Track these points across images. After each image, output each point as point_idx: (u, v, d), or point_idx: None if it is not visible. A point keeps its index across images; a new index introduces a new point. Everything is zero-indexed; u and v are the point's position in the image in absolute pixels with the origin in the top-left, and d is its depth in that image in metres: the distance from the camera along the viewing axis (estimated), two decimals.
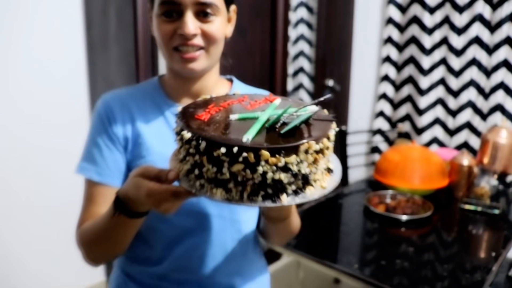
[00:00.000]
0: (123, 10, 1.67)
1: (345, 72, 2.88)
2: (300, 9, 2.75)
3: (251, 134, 0.54)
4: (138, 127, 0.80)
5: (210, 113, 0.62)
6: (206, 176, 0.55)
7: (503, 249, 1.43)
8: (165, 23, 0.74)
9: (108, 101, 0.82)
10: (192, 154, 0.56)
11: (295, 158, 0.53)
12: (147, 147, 0.79)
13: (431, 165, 1.82)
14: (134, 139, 0.80)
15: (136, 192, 0.62)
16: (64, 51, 1.86)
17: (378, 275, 1.25)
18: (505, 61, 2.30)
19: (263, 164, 0.52)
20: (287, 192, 0.55)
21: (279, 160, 0.52)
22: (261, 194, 0.54)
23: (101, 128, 0.80)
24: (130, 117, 0.81)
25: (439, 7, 2.45)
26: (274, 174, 0.53)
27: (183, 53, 0.75)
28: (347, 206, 1.83)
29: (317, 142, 0.55)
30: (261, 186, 0.54)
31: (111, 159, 0.80)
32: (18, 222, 1.84)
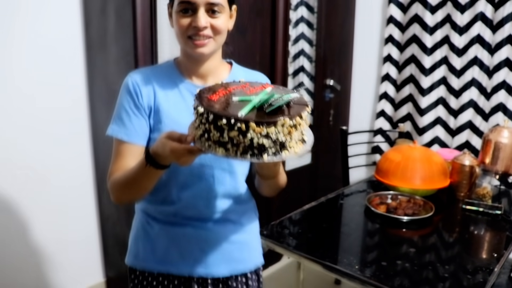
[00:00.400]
0: (122, 9, 1.66)
1: (345, 71, 2.87)
2: (301, 8, 2.74)
3: (244, 111, 0.76)
4: (159, 99, 1.01)
5: (219, 95, 0.84)
6: (212, 139, 0.77)
7: (505, 250, 1.42)
8: (182, 17, 0.96)
9: (135, 77, 1.02)
10: (203, 123, 0.78)
11: (274, 129, 0.75)
12: (166, 114, 1.00)
13: (432, 165, 1.81)
14: (156, 108, 1.01)
15: (162, 149, 0.84)
16: (63, 51, 1.85)
17: (379, 276, 1.24)
18: (507, 60, 2.28)
19: (251, 132, 0.74)
20: (268, 153, 0.76)
21: (262, 130, 0.74)
22: (249, 153, 0.76)
23: (130, 99, 1.01)
24: (153, 90, 1.01)
25: (441, 6, 2.44)
26: (258, 139, 0.75)
27: (195, 41, 0.96)
28: (347, 207, 1.82)
29: (290, 119, 0.76)
30: (249, 147, 0.75)
31: (138, 123, 1.00)
32: (19, 223, 1.84)
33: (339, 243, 1.51)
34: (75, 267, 2.07)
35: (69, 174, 1.97)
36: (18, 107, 1.76)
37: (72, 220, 2.02)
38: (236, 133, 0.74)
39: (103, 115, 1.91)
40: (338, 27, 2.71)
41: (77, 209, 2.03)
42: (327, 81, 2.70)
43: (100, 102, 1.92)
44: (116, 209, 1.97)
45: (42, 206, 1.90)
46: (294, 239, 1.48)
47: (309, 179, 2.72)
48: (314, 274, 1.75)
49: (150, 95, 1.01)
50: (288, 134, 0.77)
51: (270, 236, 1.48)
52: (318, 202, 1.79)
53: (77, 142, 1.97)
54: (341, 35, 2.76)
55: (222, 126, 0.75)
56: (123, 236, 1.97)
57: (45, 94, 1.83)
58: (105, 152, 1.97)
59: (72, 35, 1.87)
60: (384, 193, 1.81)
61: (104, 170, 2.00)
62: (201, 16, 0.94)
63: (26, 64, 1.75)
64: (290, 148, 0.78)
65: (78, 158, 1.99)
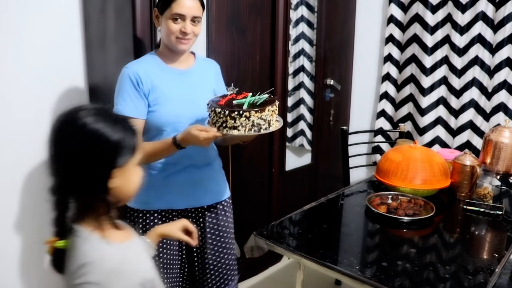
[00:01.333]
0: (122, 9, 1.66)
1: (346, 71, 2.87)
2: (301, 8, 2.74)
3: (245, 106, 1.26)
4: (153, 81, 1.37)
5: (226, 100, 1.32)
6: (228, 126, 1.24)
7: (506, 250, 1.41)
8: (174, 24, 1.35)
9: (133, 68, 1.37)
10: (221, 117, 1.24)
11: (264, 113, 1.25)
12: (161, 91, 1.38)
13: (433, 166, 1.81)
14: (153, 88, 1.37)
15: (194, 138, 1.25)
16: (62, 50, 1.84)
17: (379, 276, 1.24)
18: (508, 60, 2.28)
19: (253, 116, 1.24)
20: (262, 128, 1.26)
21: (258, 114, 1.24)
22: (253, 130, 1.25)
23: (131, 84, 1.35)
24: (149, 75, 1.37)
25: (441, 5, 2.43)
26: (257, 120, 1.24)
27: (182, 40, 1.37)
28: (348, 207, 1.82)
29: (271, 106, 1.28)
30: (252, 126, 1.25)
31: (139, 103, 1.35)
32: (18, 223, 1.83)
33: (339, 244, 1.51)
34: None
35: None
36: (17, 107, 1.76)
37: None
38: (244, 119, 1.23)
39: None
40: (338, 27, 2.71)
41: None
42: (328, 80, 2.69)
43: (100, 102, 1.91)
44: None
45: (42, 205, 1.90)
46: (294, 239, 1.47)
47: (309, 179, 2.71)
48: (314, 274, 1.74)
49: (147, 79, 1.36)
50: (271, 116, 1.27)
51: (270, 236, 1.48)
52: (318, 203, 1.78)
53: None
54: (342, 34, 2.75)
55: (235, 116, 1.22)
56: None
57: (45, 94, 1.82)
58: None
59: (72, 34, 1.86)
60: (384, 193, 1.80)
61: None
62: (188, 25, 1.35)
63: (25, 64, 1.75)
64: (273, 125, 1.29)
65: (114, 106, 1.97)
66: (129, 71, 1.35)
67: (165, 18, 1.35)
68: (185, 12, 1.33)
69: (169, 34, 1.35)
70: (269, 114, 1.26)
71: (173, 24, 1.34)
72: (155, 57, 1.42)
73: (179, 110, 1.39)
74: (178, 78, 1.43)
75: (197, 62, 1.50)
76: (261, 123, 1.24)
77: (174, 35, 1.35)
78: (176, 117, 1.38)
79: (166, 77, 1.40)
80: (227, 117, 1.22)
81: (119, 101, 1.34)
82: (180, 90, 1.40)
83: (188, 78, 1.45)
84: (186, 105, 1.40)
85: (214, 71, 1.55)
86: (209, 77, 1.52)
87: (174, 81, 1.41)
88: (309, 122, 2.82)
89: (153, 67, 1.39)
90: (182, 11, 1.33)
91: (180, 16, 1.33)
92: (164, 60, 1.43)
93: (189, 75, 1.46)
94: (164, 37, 1.38)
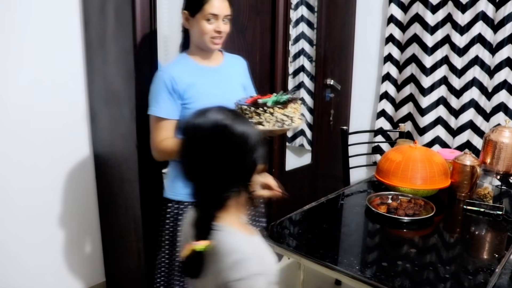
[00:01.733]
0: (122, 9, 1.65)
1: (346, 71, 2.87)
2: (301, 8, 2.73)
3: (270, 103, 1.34)
4: (188, 80, 1.44)
5: (252, 100, 1.39)
6: (253, 122, 1.30)
7: (506, 250, 1.41)
8: (207, 24, 1.41)
9: (168, 71, 1.44)
10: (246, 114, 1.31)
11: (287, 110, 1.32)
12: (196, 88, 1.45)
13: (433, 166, 1.80)
14: (187, 87, 1.44)
15: None
16: (62, 50, 1.84)
17: (379, 276, 1.23)
18: (508, 59, 2.28)
19: (276, 113, 1.31)
20: (286, 124, 1.33)
21: (281, 110, 1.31)
22: (277, 125, 1.32)
23: (165, 88, 1.42)
24: (181, 76, 1.44)
25: (441, 5, 2.43)
26: (280, 116, 1.32)
27: (215, 39, 1.43)
28: (348, 207, 1.81)
29: (294, 104, 1.35)
30: (276, 121, 1.32)
31: (173, 105, 1.43)
32: (17, 223, 1.83)
33: (339, 244, 1.50)
34: (75, 267, 2.07)
35: (69, 174, 1.96)
36: (17, 106, 1.76)
37: (71, 220, 2.01)
38: (268, 115, 1.30)
39: (102, 114, 1.91)
40: (338, 27, 2.71)
41: (77, 209, 2.02)
42: (328, 80, 2.69)
43: (99, 101, 1.91)
44: (115, 209, 1.97)
45: (42, 206, 1.90)
46: (294, 239, 1.47)
47: (309, 179, 2.71)
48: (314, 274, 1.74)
49: (182, 80, 1.43)
50: (294, 112, 1.34)
51: (270, 236, 1.48)
52: (319, 203, 1.78)
53: (76, 142, 1.97)
54: (342, 34, 2.75)
55: (260, 112, 1.30)
56: (122, 236, 1.96)
57: (44, 94, 1.82)
58: (105, 152, 1.96)
59: (71, 34, 1.86)
60: (384, 193, 1.80)
61: (103, 169, 1.99)
62: (221, 24, 1.42)
63: (25, 64, 1.75)
64: (295, 121, 1.35)
65: (77, 158, 1.98)
66: (164, 74, 1.43)
67: (197, 20, 1.40)
68: (218, 12, 1.39)
69: (202, 34, 1.41)
70: (292, 111, 1.34)
71: (207, 25, 1.40)
72: (187, 57, 1.50)
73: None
74: (211, 75, 1.50)
75: (225, 59, 1.57)
76: (284, 119, 1.32)
77: (208, 35, 1.41)
78: None
79: (200, 75, 1.48)
80: (252, 113, 1.31)
81: (153, 103, 1.44)
82: (213, 86, 1.48)
83: (220, 75, 1.52)
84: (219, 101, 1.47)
85: (242, 66, 1.63)
86: (239, 72, 1.60)
87: (207, 78, 1.49)
88: (309, 122, 2.82)
89: (186, 67, 1.47)
90: (215, 11, 1.39)
91: (214, 16, 1.39)
92: (196, 59, 1.49)
93: (220, 71, 1.53)
94: (196, 37, 1.44)
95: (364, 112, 2.93)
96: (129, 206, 1.86)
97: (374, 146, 2.83)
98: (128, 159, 1.79)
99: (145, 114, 1.48)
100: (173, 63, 1.51)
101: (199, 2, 1.39)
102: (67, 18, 1.83)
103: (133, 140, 1.73)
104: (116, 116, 1.82)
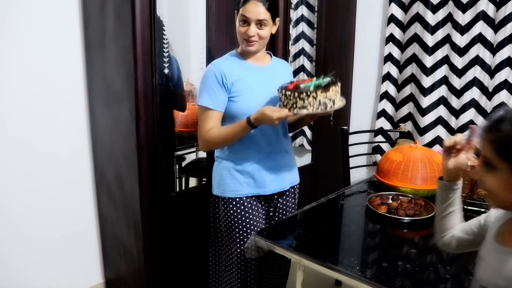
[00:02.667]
0: (121, 8, 1.65)
1: (346, 71, 2.86)
2: (301, 7, 2.73)
3: (312, 88, 1.38)
4: (236, 75, 1.53)
5: (293, 84, 1.45)
6: (297, 106, 1.38)
7: None
8: (242, 26, 1.49)
9: (218, 64, 1.53)
10: (290, 99, 1.38)
11: (329, 93, 1.38)
12: (243, 83, 1.53)
13: (433, 166, 1.80)
14: (236, 81, 1.52)
15: (267, 117, 1.40)
16: (61, 50, 1.84)
17: (380, 277, 1.23)
18: (508, 59, 2.27)
19: (319, 96, 1.37)
20: (328, 106, 1.39)
21: (324, 94, 1.37)
22: (319, 108, 1.38)
23: (215, 80, 1.50)
24: (232, 71, 1.52)
25: (442, 5, 2.42)
26: (323, 99, 1.38)
27: (247, 42, 1.51)
28: (348, 207, 1.81)
29: (335, 86, 1.41)
30: (319, 105, 1.38)
31: (221, 97, 1.51)
32: (17, 223, 1.83)
33: (339, 244, 1.50)
34: (74, 268, 2.06)
35: (68, 173, 1.96)
36: (17, 106, 1.76)
37: (71, 220, 2.01)
38: (312, 99, 1.35)
39: (101, 113, 1.91)
40: (338, 26, 2.70)
41: (76, 209, 2.02)
42: None
43: (99, 101, 1.91)
44: (115, 209, 1.96)
45: (41, 206, 1.90)
46: (294, 239, 1.47)
47: (310, 179, 2.70)
48: (314, 275, 1.74)
49: (231, 73, 1.51)
50: (335, 95, 1.39)
51: (270, 236, 1.47)
52: (319, 203, 1.78)
53: (76, 141, 1.97)
54: (342, 34, 2.75)
55: (303, 97, 1.35)
56: (122, 236, 1.96)
57: (44, 93, 1.82)
58: (104, 151, 1.96)
59: (71, 34, 1.86)
60: (385, 193, 1.80)
61: (103, 169, 1.99)
62: (252, 29, 1.47)
63: (24, 63, 1.75)
64: (337, 103, 1.40)
65: (76, 157, 1.98)
66: (214, 68, 1.51)
67: (237, 20, 1.50)
68: (249, 16, 1.46)
69: (238, 36, 1.52)
70: (333, 94, 1.38)
71: (240, 27, 1.49)
72: (236, 55, 1.59)
73: (258, 101, 1.52)
74: (258, 72, 1.57)
75: (273, 61, 1.66)
76: (327, 102, 1.37)
77: (241, 37, 1.51)
78: (255, 107, 1.48)
79: (247, 71, 1.56)
80: (296, 98, 1.35)
81: (203, 94, 1.51)
82: (259, 83, 1.55)
83: (266, 73, 1.59)
84: (264, 97, 1.55)
85: (288, 70, 1.72)
86: (284, 74, 1.66)
87: (255, 75, 1.56)
88: None
89: (235, 63, 1.56)
90: (247, 14, 1.46)
91: (246, 19, 1.47)
92: (244, 57, 1.58)
93: (267, 71, 1.60)
94: (238, 37, 1.54)
95: (364, 112, 2.93)
96: (129, 206, 1.86)
97: (374, 146, 2.82)
98: (128, 159, 1.79)
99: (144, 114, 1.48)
100: (223, 58, 1.59)
101: (238, 4, 1.49)
102: (66, 17, 1.83)
103: (133, 140, 1.73)
104: (116, 116, 1.81)
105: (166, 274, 1.95)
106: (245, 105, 1.52)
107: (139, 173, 1.75)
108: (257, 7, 1.45)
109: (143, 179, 1.76)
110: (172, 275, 1.98)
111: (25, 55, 1.74)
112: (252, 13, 1.45)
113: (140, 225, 1.81)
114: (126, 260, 1.98)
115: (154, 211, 1.84)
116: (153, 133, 1.75)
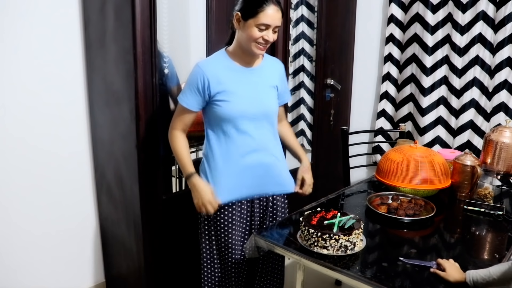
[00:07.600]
0: (121, 8, 1.65)
1: (346, 71, 2.86)
2: (301, 7, 2.73)
3: (335, 229, 1.37)
4: (223, 79, 1.51)
5: (317, 219, 1.44)
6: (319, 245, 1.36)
7: (506, 251, 1.41)
8: (258, 31, 1.45)
9: (203, 68, 1.50)
10: (313, 237, 1.37)
11: (351, 237, 1.36)
12: (229, 87, 1.51)
13: (433, 166, 1.80)
14: (220, 87, 1.50)
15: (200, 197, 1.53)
16: (61, 50, 1.84)
17: (379, 277, 1.23)
18: (508, 59, 2.27)
19: (341, 239, 1.34)
20: (348, 249, 1.35)
21: (346, 238, 1.35)
22: (340, 250, 1.35)
23: (196, 82, 1.50)
24: (216, 75, 1.50)
25: (442, 5, 2.43)
26: (345, 242, 1.35)
27: (260, 46, 1.48)
28: (348, 207, 1.81)
29: (358, 230, 1.38)
30: (340, 247, 1.35)
31: (196, 99, 1.52)
32: (17, 223, 1.83)
33: None
34: (74, 267, 2.06)
35: (68, 173, 1.96)
36: (17, 105, 1.76)
37: (71, 220, 2.01)
38: (333, 241, 1.34)
39: (102, 114, 1.91)
40: (338, 26, 2.70)
41: (76, 209, 2.02)
42: (328, 80, 2.69)
43: (99, 101, 1.91)
44: (115, 209, 1.96)
45: (41, 205, 1.90)
46: (294, 239, 1.47)
47: None
48: (314, 274, 1.74)
49: (215, 79, 1.50)
50: (357, 238, 1.37)
51: (270, 236, 1.47)
52: (319, 203, 1.78)
53: (76, 141, 1.96)
54: (342, 34, 2.75)
55: (326, 238, 1.34)
56: (122, 236, 1.96)
57: (44, 93, 1.82)
58: (104, 151, 1.96)
59: (71, 34, 1.86)
60: (385, 193, 1.80)
61: (103, 169, 1.99)
62: (271, 33, 1.47)
63: (24, 63, 1.75)
64: (357, 245, 1.37)
65: (77, 157, 1.98)
66: (200, 71, 1.50)
67: (249, 25, 1.45)
68: (270, 22, 1.44)
69: (250, 39, 1.46)
70: (355, 237, 1.36)
71: (257, 32, 1.45)
72: (226, 56, 1.55)
73: (243, 107, 1.52)
74: (244, 75, 1.54)
75: (264, 61, 1.61)
76: (348, 244, 1.34)
77: (254, 41, 1.46)
78: (240, 112, 1.51)
79: (233, 75, 1.53)
80: (319, 238, 1.34)
81: (183, 92, 1.54)
82: (244, 87, 1.53)
83: (253, 76, 1.56)
84: (249, 103, 1.53)
85: (278, 69, 1.66)
86: (273, 75, 1.62)
87: (240, 79, 1.54)
88: (309, 122, 2.81)
89: (222, 66, 1.53)
90: (268, 21, 1.43)
91: (266, 26, 1.44)
92: (234, 59, 1.55)
93: (254, 72, 1.57)
94: (243, 40, 1.48)
95: (364, 112, 2.93)
96: (128, 206, 1.86)
97: (374, 146, 2.83)
98: (128, 159, 1.79)
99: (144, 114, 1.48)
100: (211, 58, 1.57)
101: (254, 9, 1.43)
102: (66, 17, 1.83)
103: (133, 140, 1.73)
104: (116, 116, 1.81)
105: (166, 274, 1.95)
106: (229, 109, 1.51)
107: (139, 173, 1.75)
108: (278, 13, 1.46)
109: (143, 179, 1.76)
110: (172, 275, 1.98)
111: (25, 55, 1.74)
112: (273, 19, 1.45)
113: (140, 225, 1.81)
114: (126, 260, 1.98)
115: (154, 211, 1.84)
116: (153, 133, 1.75)
